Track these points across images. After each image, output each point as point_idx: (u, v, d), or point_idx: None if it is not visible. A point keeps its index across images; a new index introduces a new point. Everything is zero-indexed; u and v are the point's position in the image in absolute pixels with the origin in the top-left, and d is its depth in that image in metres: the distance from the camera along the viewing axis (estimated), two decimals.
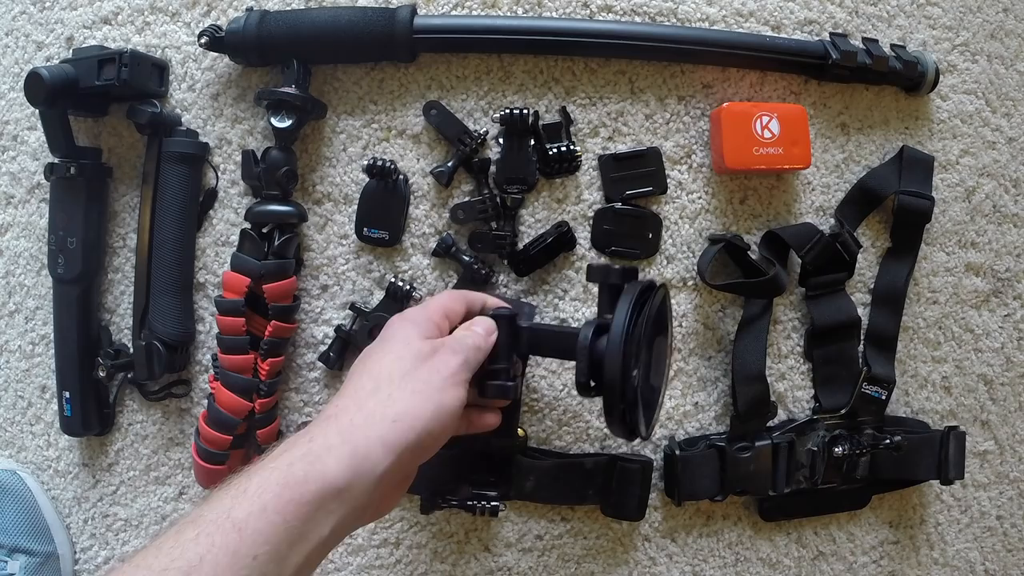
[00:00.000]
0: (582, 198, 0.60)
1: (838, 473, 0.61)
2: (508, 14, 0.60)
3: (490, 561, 0.61)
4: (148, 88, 0.58)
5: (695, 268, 0.61)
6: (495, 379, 0.47)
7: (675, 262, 0.61)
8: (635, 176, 0.60)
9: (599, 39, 0.58)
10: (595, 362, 0.43)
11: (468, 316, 0.49)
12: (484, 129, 0.59)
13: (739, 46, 0.60)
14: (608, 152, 0.60)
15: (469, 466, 0.58)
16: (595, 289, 0.59)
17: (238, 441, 0.56)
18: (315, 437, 0.36)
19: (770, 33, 0.62)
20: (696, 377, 0.62)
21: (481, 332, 0.46)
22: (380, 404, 0.37)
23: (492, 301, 0.51)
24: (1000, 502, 0.67)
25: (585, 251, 0.60)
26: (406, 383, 0.39)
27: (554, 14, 0.60)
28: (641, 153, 0.60)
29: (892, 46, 0.63)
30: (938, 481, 0.62)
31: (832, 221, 0.63)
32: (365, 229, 0.59)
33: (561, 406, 0.61)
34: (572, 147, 0.59)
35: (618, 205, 0.60)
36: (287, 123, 0.55)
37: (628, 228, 0.60)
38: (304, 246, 0.60)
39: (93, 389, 0.60)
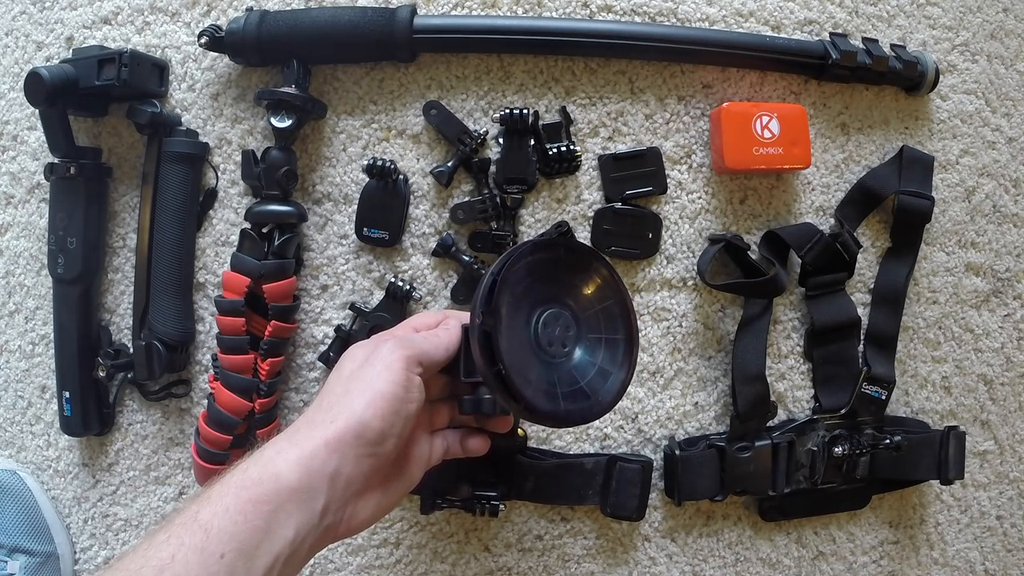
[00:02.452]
0: (582, 198, 0.60)
1: (838, 473, 0.61)
2: (508, 14, 0.60)
3: (490, 561, 0.61)
4: (148, 88, 0.58)
5: (695, 268, 0.61)
6: (470, 394, 0.45)
7: (675, 262, 0.61)
8: (635, 176, 0.60)
9: (599, 39, 0.58)
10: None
11: None
12: (484, 129, 0.59)
13: (739, 46, 0.60)
14: (608, 152, 0.60)
15: (469, 466, 0.58)
16: None
17: (238, 441, 0.56)
18: (268, 447, 0.37)
19: (770, 33, 0.62)
20: (696, 377, 0.62)
21: (440, 333, 0.44)
22: (324, 410, 0.39)
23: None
24: (1000, 502, 0.67)
25: None
26: (349, 384, 0.40)
27: (554, 14, 0.60)
28: (641, 153, 0.60)
29: (892, 46, 0.63)
30: (938, 481, 0.62)
31: (832, 221, 0.63)
32: (365, 229, 0.59)
33: None
34: (572, 147, 0.59)
35: (618, 205, 0.60)
36: (287, 123, 0.55)
37: (628, 228, 0.60)
38: (304, 246, 0.60)
39: (93, 389, 0.60)
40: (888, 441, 0.60)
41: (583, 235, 0.60)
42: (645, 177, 0.60)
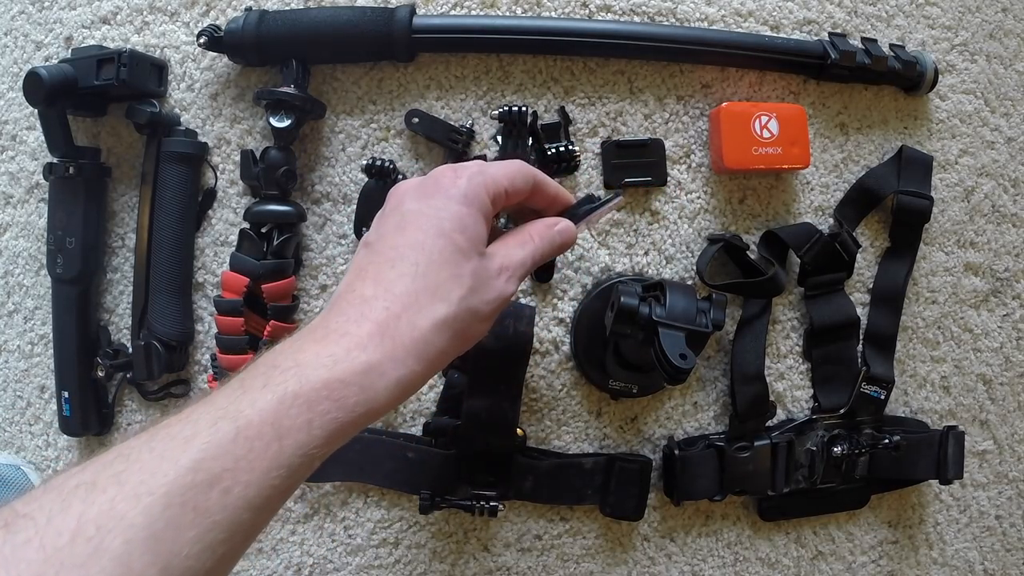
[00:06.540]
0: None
1: (837, 473, 0.61)
2: (507, 14, 0.60)
3: (489, 561, 0.61)
4: (147, 88, 0.58)
5: (694, 268, 0.61)
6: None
7: (674, 262, 0.61)
8: (636, 165, 0.60)
9: (598, 39, 0.58)
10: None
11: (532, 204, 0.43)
12: (470, 122, 0.59)
13: (738, 46, 0.60)
14: (612, 139, 0.60)
15: (468, 466, 0.58)
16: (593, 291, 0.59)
17: None
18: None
19: (769, 33, 0.62)
20: (695, 377, 0.62)
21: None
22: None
23: (564, 194, 0.44)
24: (999, 502, 0.67)
25: (584, 251, 0.60)
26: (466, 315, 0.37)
27: (553, 14, 0.60)
28: (644, 143, 0.60)
29: (891, 46, 0.63)
30: (937, 481, 0.62)
31: (831, 221, 0.63)
32: (364, 229, 0.58)
33: (560, 406, 0.61)
34: (571, 147, 0.59)
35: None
36: (286, 123, 0.55)
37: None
38: (303, 246, 0.60)
39: (92, 389, 0.60)
40: (887, 441, 0.60)
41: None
42: (646, 167, 0.60)
